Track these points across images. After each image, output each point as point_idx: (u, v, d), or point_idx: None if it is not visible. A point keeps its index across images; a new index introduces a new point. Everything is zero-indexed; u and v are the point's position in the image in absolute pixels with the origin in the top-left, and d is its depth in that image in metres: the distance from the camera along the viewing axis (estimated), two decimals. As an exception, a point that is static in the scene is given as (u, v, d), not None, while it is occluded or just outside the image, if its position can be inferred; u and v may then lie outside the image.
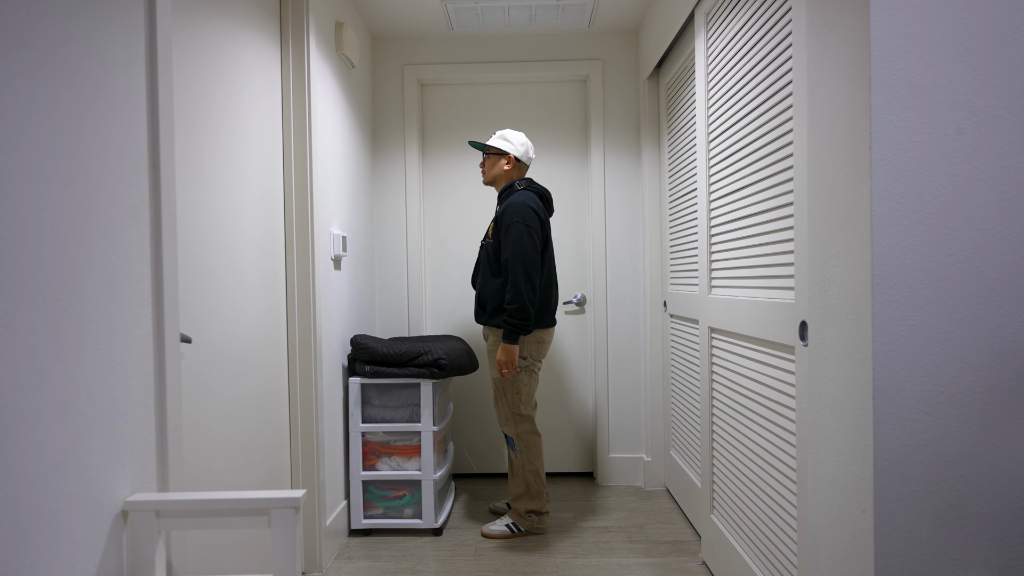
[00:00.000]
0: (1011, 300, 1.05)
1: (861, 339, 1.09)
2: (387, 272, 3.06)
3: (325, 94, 2.28)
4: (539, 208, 2.29)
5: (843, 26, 1.13)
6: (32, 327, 0.87)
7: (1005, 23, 1.04)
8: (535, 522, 2.40)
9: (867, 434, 1.08)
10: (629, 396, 3.00)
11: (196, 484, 1.46)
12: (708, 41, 2.03)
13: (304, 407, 2.08)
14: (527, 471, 2.38)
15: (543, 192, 2.38)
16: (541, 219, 2.29)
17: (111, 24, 1.06)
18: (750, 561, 1.72)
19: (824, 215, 1.22)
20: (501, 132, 2.43)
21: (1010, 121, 1.04)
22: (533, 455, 2.37)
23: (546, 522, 2.42)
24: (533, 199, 2.30)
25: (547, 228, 2.34)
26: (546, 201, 2.39)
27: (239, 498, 1.07)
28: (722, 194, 1.92)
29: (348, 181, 2.57)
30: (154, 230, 1.18)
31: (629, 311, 3.00)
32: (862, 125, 1.07)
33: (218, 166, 1.60)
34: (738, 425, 1.81)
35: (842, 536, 1.17)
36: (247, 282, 1.76)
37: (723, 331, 1.93)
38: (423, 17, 2.78)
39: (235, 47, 1.71)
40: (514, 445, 2.38)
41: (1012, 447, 1.05)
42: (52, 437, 0.91)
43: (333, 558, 2.24)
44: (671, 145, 2.68)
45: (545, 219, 2.32)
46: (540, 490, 2.39)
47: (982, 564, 1.06)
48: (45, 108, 0.91)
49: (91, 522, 0.99)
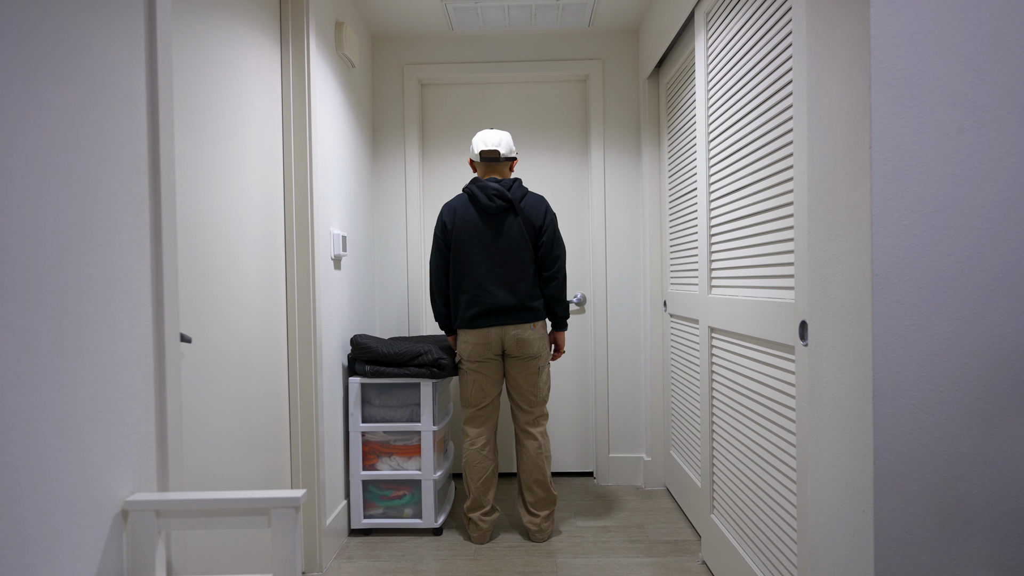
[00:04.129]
0: (1011, 300, 1.05)
1: (861, 339, 1.09)
2: (387, 272, 3.06)
3: (325, 94, 2.28)
4: (448, 212, 2.36)
5: (843, 26, 1.13)
6: (32, 327, 0.87)
7: (1005, 23, 1.04)
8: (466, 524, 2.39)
9: (867, 434, 1.08)
10: (629, 396, 3.00)
11: (196, 484, 1.46)
12: (708, 41, 2.02)
13: (304, 407, 2.08)
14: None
15: (471, 191, 2.31)
16: (444, 223, 2.36)
17: (111, 24, 1.06)
18: (750, 561, 1.72)
19: (824, 215, 1.22)
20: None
21: (1010, 121, 1.04)
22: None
23: (472, 530, 2.35)
24: (451, 203, 2.37)
25: (459, 228, 2.31)
26: (475, 199, 2.30)
27: (239, 498, 1.07)
28: (722, 194, 1.92)
29: (348, 181, 2.57)
30: (154, 230, 1.18)
31: (629, 311, 2.99)
32: (862, 125, 1.07)
33: (218, 166, 1.60)
34: (738, 425, 1.81)
35: (842, 535, 1.17)
36: (247, 282, 1.76)
37: (723, 331, 1.93)
38: (423, 17, 2.78)
39: (235, 47, 1.71)
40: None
41: (1012, 447, 1.05)
42: (52, 437, 0.91)
43: (333, 558, 2.24)
44: (671, 145, 2.68)
45: (453, 222, 2.33)
46: (469, 489, 2.38)
47: (982, 564, 1.06)
48: (45, 108, 0.91)
49: (91, 522, 0.99)
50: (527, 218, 2.31)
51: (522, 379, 2.34)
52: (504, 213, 2.31)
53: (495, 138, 2.36)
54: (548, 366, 2.39)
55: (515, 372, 2.34)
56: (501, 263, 2.29)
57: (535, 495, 2.35)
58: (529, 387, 2.34)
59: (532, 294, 2.31)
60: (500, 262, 2.29)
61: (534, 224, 2.31)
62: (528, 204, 2.33)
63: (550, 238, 2.33)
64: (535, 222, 2.32)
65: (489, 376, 2.35)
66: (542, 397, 2.37)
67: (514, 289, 2.29)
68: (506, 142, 2.37)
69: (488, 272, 2.29)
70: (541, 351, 2.34)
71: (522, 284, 2.29)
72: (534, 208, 2.33)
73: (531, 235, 2.31)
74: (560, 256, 2.34)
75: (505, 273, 2.29)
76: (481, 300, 2.29)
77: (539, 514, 2.35)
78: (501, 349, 2.33)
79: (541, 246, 2.32)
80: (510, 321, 2.29)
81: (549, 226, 2.33)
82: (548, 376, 2.40)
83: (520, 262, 2.29)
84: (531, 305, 2.31)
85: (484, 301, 2.28)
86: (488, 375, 2.35)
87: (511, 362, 2.34)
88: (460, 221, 2.33)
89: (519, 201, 2.31)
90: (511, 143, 2.40)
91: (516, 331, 2.30)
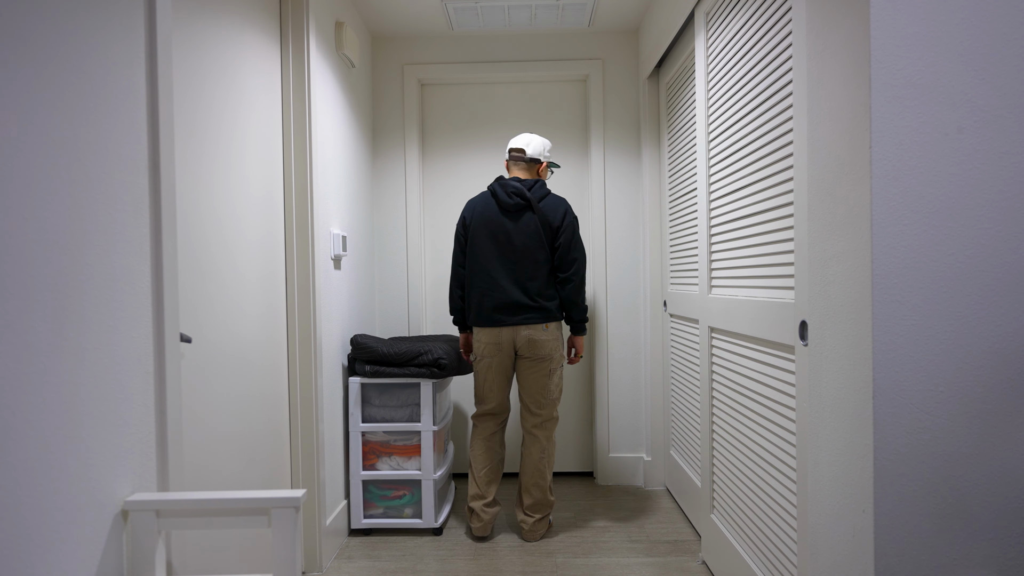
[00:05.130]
0: (1011, 300, 1.05)
1: (861, 339, 1.09)
2: (387, 272, 3.06)
3: (325, 94, 2.28)
4: (469, 208, 2.40)
5: (843, 26, 1.13)
6: (33, 327, 0.87)
7: (1005, 23, 1.04)
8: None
9: (867, 434, 1.08)
10: (629, 396, 3.00)
11: (196, 484, 1.46)
12: (708, 41, 2.02)
13: (304, 406, 2.08)
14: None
15: (493, 188, 2.35)
16: (464, 218, 2.41)
17: (111, 24, 1.06)
18: (750, 560, 1.72)
19: (824, 215, 1.22)
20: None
21: (1010, 121, 1.04)
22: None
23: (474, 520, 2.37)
24: (473, 199, 2.42)
25: (476, 224, 2.35)
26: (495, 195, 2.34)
27: (239, 498, 1.07)
28: (722, 193, 1.92)
29: (348, 181, 2.57)
30: (154, 230, 1.18)
31: (629, 311, 3.00)
32: (862, 125, 1.07)
33: (218, 166, 1.60)
34: (738, 425, 1.81)
35: (842, 535, 1.17)
36: (247, 282, 1.76)
37: (723, 331, 1.93)
38: (423, 17, 2.78)
39: (235, 47, 1.71)
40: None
41: (1012, 447, 1.05)
42: (53, 437, 0.91)
43: (333, 558, 2.24)
44: (671, 145, 2.68)
45: (472, 218, 2.37)
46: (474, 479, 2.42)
47: (982, 564, 1.06)
48: (45, 108, 0.91)
49: (91, 522, 0.99)
50: (544, 217, 2.30)
51: (532, 380, 2.33)
52: (522, 211, 2.31)
53: (525, 139, 2.41)
54: (561, 369, 2.38)
55: (526, 373, 2.34)
56: (515, 260, 2.30)
57: (532, 497, 2.36)
58: (539, 389, 2.34)
59: (545, 294, 2.31)
60: (514, 259, 2.30)
61: (551, 224, 2.31)
62: (547, 204, 2.33)
63: (567, 240, 2.30)
64: (553, 222, 2.31)
65: (499, 374, 2.36)
66: (551, 400, 2.36)
67: (525, 287, 2.29)
68: (535, 144, 2.41)
69: (501, 268, 2.30)
70: (553, 353, 2.33)
71: (534, 283, 2.29)
72: (553, 208, 2.32)
73: (548, 235, 2.31)
74: (577, 259, 2.32)
75: (518, 270, 2.30)
76: (492, 295, 2.30)
77: (533, 516, 2.36)
78: (513, 349, 2.33)
79: (559, 247, 2.31)
80: (521, 320, 2.29)
81: (567, 228, 2.31)
82: (560, 379, 2.39)
83: (534, 260, 2.30)
84: (543, 304, 2.30)
85: (495, 296, 2.30)
86: (499, 373, 2.35)
87: (522, 362, 2.34)
88: (478, 217, 2.35)
89: (538, 200, 2.32)
90: (542, 147, 2.42)
91: (528, 331, 2.30)
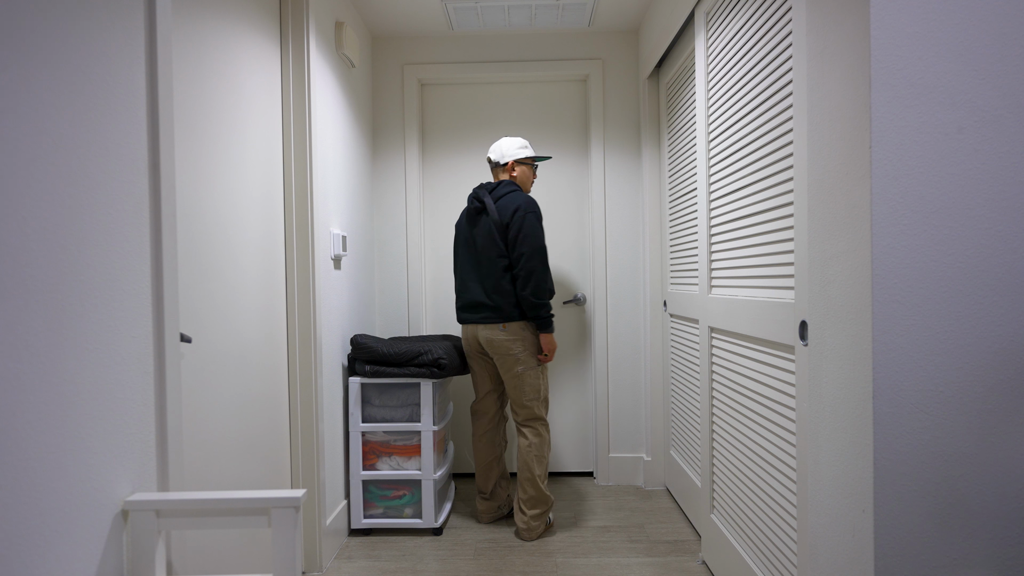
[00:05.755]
0: (1011, 300, 1.05)
1: (861, 339, 1.09)
2: (387, 272, 3.06)
3: (325, 94, 2.28)
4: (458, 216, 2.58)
5: (843, 26, 1.13)
6: (32, 327, 0.87)
7: (1005, 22, 1.04)
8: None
9: (867, 434, 1.08)
10: (629, 395, 3.00)
11: (196, 484, 1.46)
12: (708, 41, 2.02)
13: (304, 407, 2.08)
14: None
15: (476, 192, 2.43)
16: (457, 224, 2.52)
17: (111, 24, 1.06)
18: (750, 560, 1.72)
19: (824, 215, 1.22)
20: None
21: (1010, 121, 1.04)
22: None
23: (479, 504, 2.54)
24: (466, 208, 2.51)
25: (456, 231, 2.51)
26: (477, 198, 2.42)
27: (239, 498, 1.07)
28: (722, 194, 1.92)
29: (348, 181, 2.57)
30: (154, 230, 1.18)
31: (629, 311, 3.00)
32: (862, 125, 1.07)
33: (218, 166, 1.60)
34: (738, 425, 1.81)
35: (842, 535, 1.17)
36: (247, 282, 1.76)
37: (723, 331, 1.93)
38: (423, 17, 2.78)
39: (235, 47, 1.71)
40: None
41: (1012, 447, 1.05)
42: (52, 437, 0.91)
43: (333, 558, 2.24)
44: (671, 145, 2.68)
45: (462, 221, 2.49)
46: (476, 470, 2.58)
47: (982, 564, 1.06)
48: (45, 108, 0.91)
49: (91, 522, 0.99)
50: (496, 218, 2.34)
51: (506, 380, 2.40)
52: (479, 214, 2.41)
53: (495, 146, 2.51)
54: (533, 370, 2.36)
55: (501, 371, 2.41)
56: (478, 262, 2.40)
57: (526, 492, 2.38)
58: (511, 388, 2.39)
59: (501, 292, 2.33)
60: (477, 261, 2.40)
61: (502, 222, 2.33)
62: (502, 203, 2.35)
63: (514, 235, 2.30)
64: (503, 220, 2.33)
65: (479, 371, 2.50)
66: (526, 400, 2.37)
67: (484, 286, 2.37)
68: (502, 147, 2.46)
69: (472, 271, 2.43)
70: (516, 352, 2.33)
71: (490, 282, 2.35)
72: (505, 207, 2.33)
73: (500, 234, 2.33)
74: (525, 253, 2.28)
75: (480, 272, 2.39)
76: (463, 295, 2.45)
77: (528, 512, 2.37)
78: (480, 347, 2.44)
79: (510, 244, 2.32)
80: (480, 319, 2.38)
81: (515, 223, 2.30)
82: (534, 380, 2.37)
83: (489, 260, 2.35)
84: (498, 303, 2.33)
85: (464, 296, 2.44)
86: (479, 370, 2.50)
87: (496, 360, 2.40)
88: (458, 224, 2.52)
89: (496, 201, 2.37)
90: (510, 147, 2.45)
91: (486, 331, 2.37)
